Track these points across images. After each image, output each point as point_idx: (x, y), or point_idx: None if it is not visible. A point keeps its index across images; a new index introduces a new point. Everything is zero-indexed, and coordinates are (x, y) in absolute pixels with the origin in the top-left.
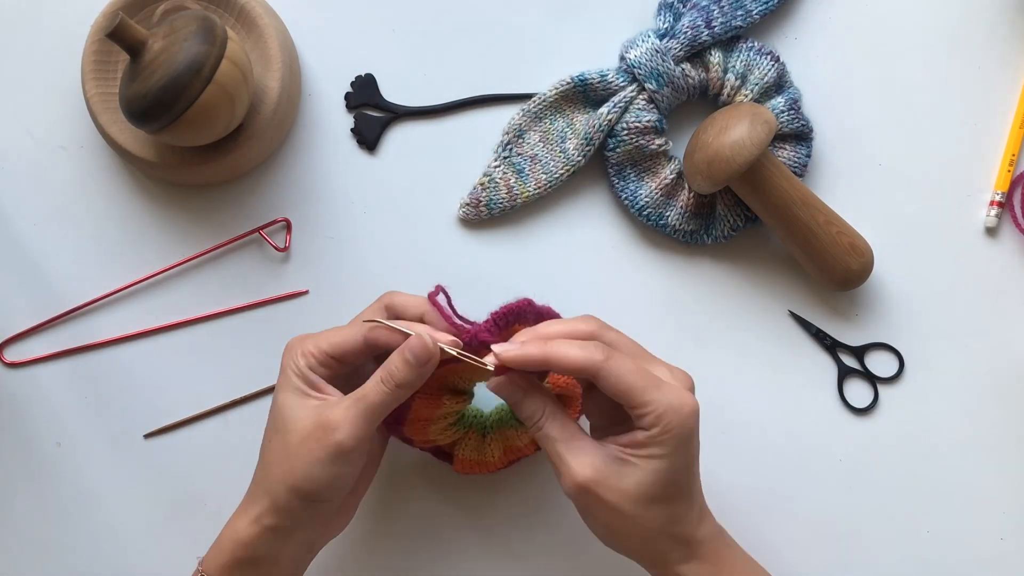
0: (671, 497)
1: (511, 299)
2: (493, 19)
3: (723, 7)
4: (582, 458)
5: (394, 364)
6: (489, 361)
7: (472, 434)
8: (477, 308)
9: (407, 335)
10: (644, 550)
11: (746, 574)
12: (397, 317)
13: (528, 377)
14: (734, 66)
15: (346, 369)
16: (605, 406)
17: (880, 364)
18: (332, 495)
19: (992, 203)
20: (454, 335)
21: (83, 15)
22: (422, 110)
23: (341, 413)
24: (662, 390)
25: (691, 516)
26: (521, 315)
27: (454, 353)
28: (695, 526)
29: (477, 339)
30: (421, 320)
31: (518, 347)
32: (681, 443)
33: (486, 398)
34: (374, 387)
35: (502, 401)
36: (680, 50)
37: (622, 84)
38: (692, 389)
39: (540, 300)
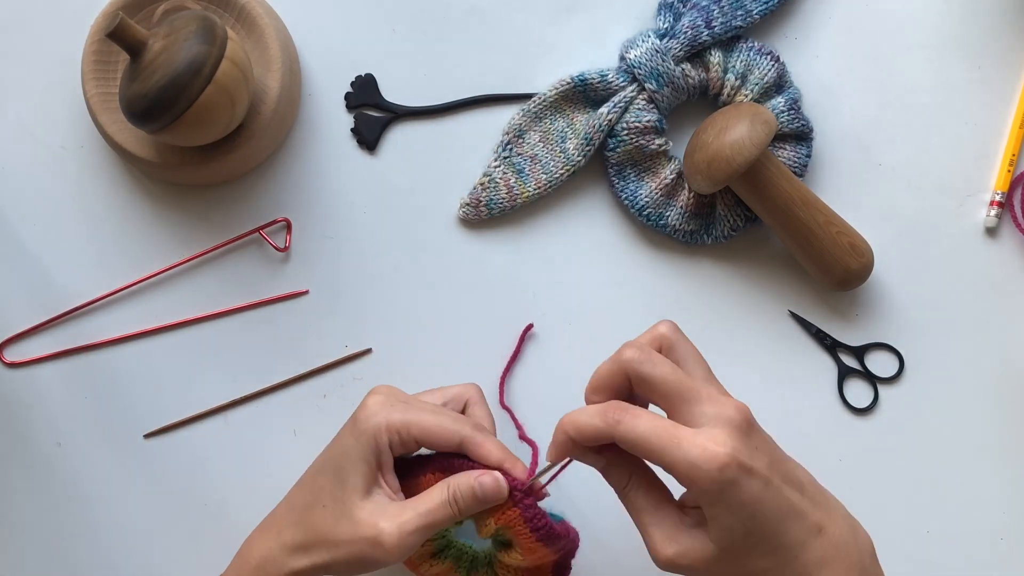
0: (756, 548)
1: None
2: (493, 19)
3: (723, 7)
4: (666, 530)
5: (462, 492)
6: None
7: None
8: (477, 308)
9: (495, 464)
10: None
11: None
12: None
13: (615, 447)
14: (734, 66)
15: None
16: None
17: (880, 364)
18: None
19: (992, 203)
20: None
21: (83, 15)
22: (422, 110)
23: (396, 531)
24: (683, 448)
25: (792, 560)
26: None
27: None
28: (798, 550)
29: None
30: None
31: (554, 443)
32: (721, 498)
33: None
34: (441, 510)
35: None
36: (680, 50)
37: (622, 84)
38: (741, 424)
39: (540, 300)
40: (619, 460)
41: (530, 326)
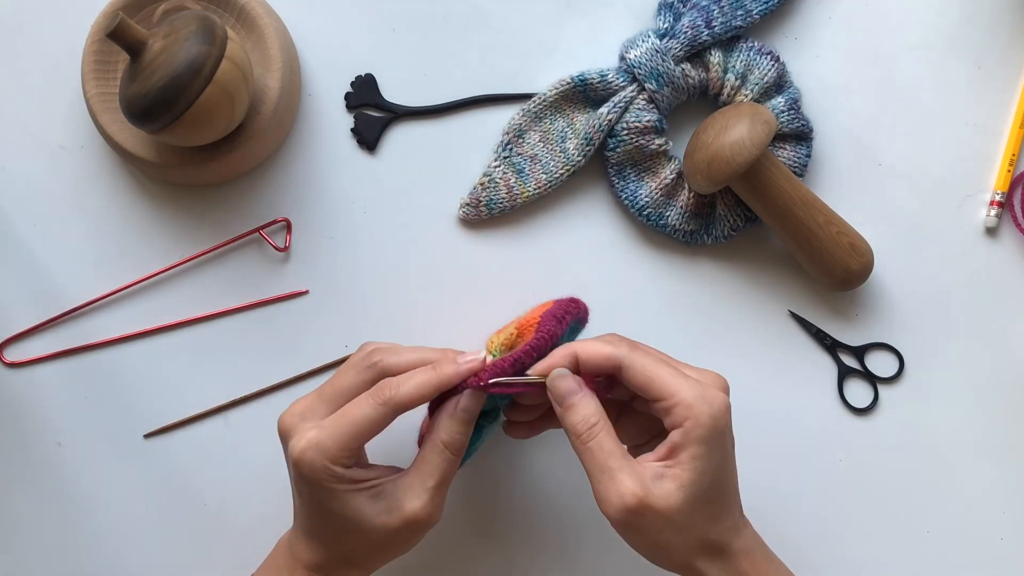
0: (713, 499)
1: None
2: (493, 19)
3: (723, 7)
4: (633, 474)
5: (453, 430)
6: (533, 374)
7: None
8: (477, 308)
9: (437, 385)
10: (686, 561)
11: None
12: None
13: (590, 381)
14: (734, 66)
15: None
16: (640, 426)
17: (880, 364)
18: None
19: (992, 203)
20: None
21: (83, 15)
22: (422, 110)
23: (425, 506)
24: (688, 382)
25: (728, 522)
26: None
27: (507, 381)
28: (732, 534)
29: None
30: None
31: (546, 359)
32: (713, 436)
33: None
34: (444, 465)
35: None
36: (680, 50)
37: (622, 84)
38: (725, 390)
39: (540, 300)
40: (594, 398)
41: None
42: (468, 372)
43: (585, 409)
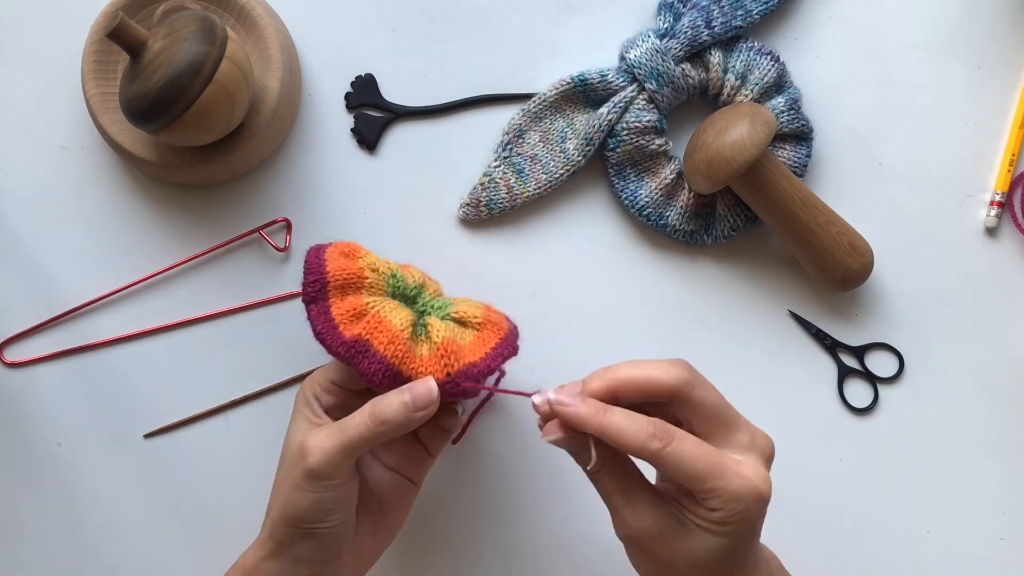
0: (724, 571)
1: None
2: (493, 19)
3: (723, 7)
4: (641, 511)
5: (388, 403)
6: (538, 400)
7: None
8: None
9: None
10: None
11: None
12: None
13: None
14: (734, 66)
15: (354, 399)
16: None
17: (880, 364)
18: (316, 520)
19: (992, 203)
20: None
21: (83, 15)
22: (422, 110)
23: (318, 439)
24: (728, 477)
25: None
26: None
27: (490, 389)
28: None
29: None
30: None
31: (573, 405)
32: (745, 529)
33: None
34: (357, 421)
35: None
36: (680, 50)
37: (622, 84)
38: (771, 457)
39: (540, 300)
40: (591, 443)
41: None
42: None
43: (585, 460)
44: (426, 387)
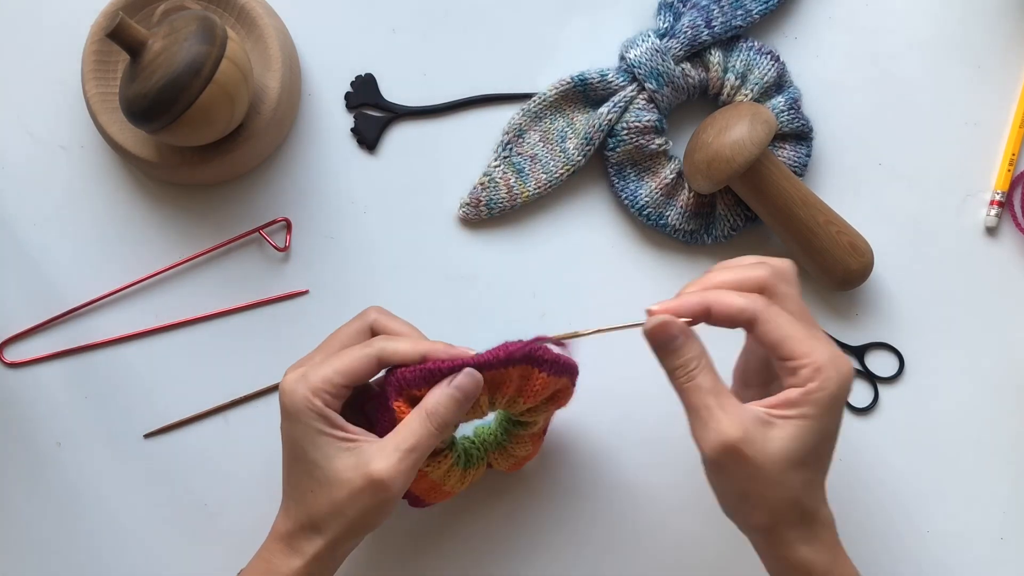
0: (811, 464)
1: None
2: (493, 19)
3: (723, 7)
4: (732, 414)
5: (440, 403)
6: (647, 318)
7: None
8: (477, 308)
9: (423, 355)
10: (771, 523)
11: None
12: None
13: (686, 322)
14: (734, 66)
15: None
16: (754, 369)
17: (880, 364)
18: (382, 522)
19: (992, 203)
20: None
21: (83, 15)
22: (422, 110)
23: (391, 468)
24: (822, 343)
25: (821, 492)
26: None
27: (590, 332)
28: (821, 503)
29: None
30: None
31: (676, 299)
32: (834, 403)
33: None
34: (422, 432)
35: (474, 425)
36: (680, 50)
37: (622, 84)
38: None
39: (540, 300)
40: (693, 338)
41: None
42: (458, 354)
43: (689, 351)
44: (471, 378)
